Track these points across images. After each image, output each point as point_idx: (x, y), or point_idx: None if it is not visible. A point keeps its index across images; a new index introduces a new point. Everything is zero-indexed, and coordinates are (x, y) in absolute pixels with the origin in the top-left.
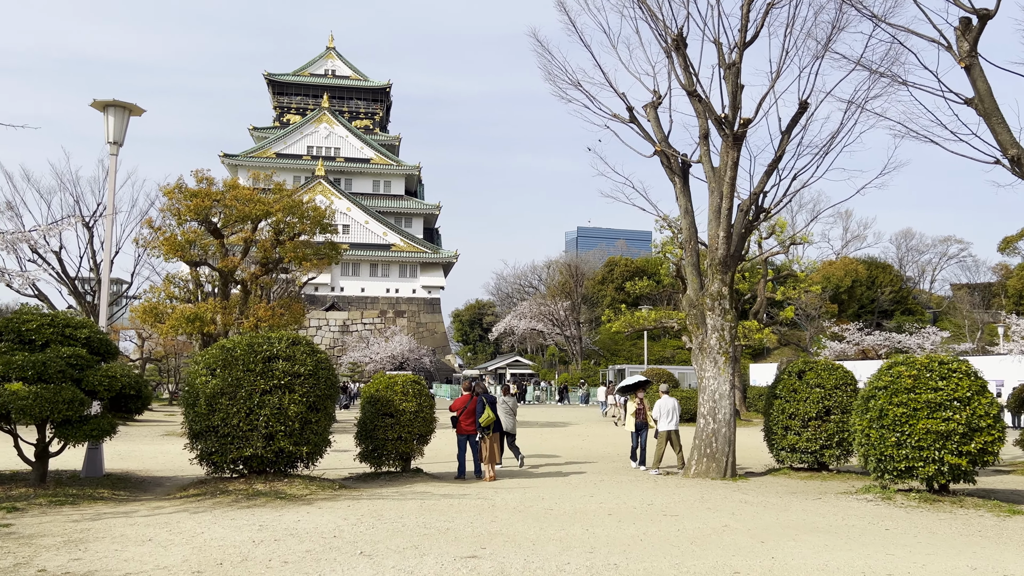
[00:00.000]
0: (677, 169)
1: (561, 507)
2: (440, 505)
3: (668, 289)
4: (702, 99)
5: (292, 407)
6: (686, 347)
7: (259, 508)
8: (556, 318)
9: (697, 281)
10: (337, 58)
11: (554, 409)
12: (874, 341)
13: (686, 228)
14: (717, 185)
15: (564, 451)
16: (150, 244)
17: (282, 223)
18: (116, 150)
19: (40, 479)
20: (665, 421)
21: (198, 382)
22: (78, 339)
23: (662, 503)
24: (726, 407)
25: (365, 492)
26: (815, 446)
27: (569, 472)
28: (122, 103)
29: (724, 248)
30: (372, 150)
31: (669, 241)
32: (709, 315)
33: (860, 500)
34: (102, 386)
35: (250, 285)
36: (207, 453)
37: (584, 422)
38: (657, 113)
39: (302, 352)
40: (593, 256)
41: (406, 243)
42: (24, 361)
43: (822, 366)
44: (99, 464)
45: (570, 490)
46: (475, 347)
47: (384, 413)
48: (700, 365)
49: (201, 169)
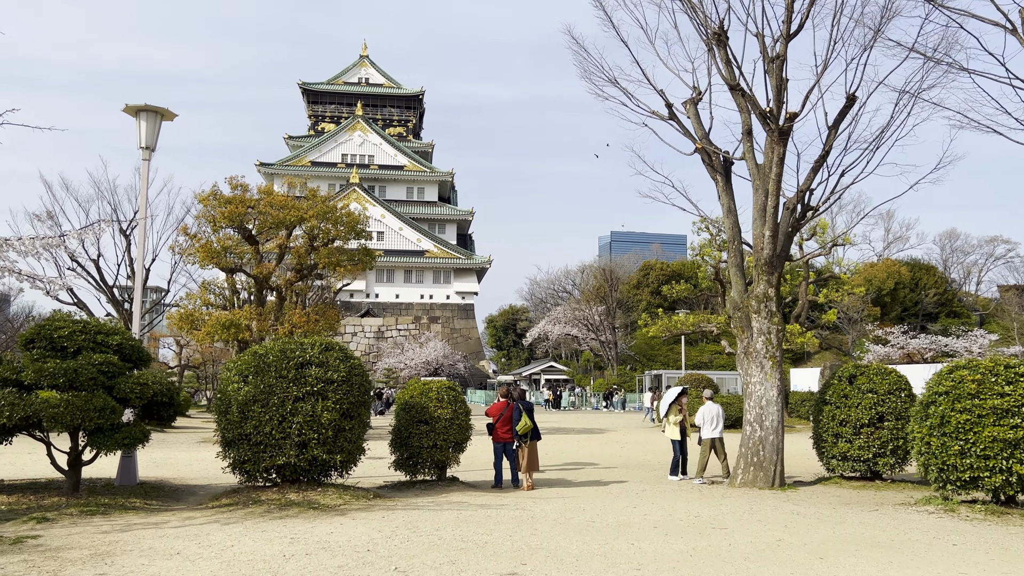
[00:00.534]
0: (719, 167)
1: (604, 519)
2: (477, 516)
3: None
4: (745, 93)
5: (325, 414)
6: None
7: (291, 519)
8: (591, 323)
9: (741, 283)
10: (370, 66)
11: (591, 415)
12: (920, 345)
13: (729, 228)
14: (762, 183)
15: (602, 458)
16: (186, 251)
17: (316, 229)
18: (148, 155)
19: (73, 488)
20: (709, 428)
21: (230, 389)
22: (110, 346)
23: (709, 515)
24: (774, 413)
25: (400, 502)
26: (868, 454)
27: (609, 481)
28: (154, 107)
29: (770, 248)
30: (405, 157)
31: (707, 244)
32: (755, 318)
33: (921, 512)
34: (134, 393)
35: (285, 291)
36: (240, 461)
37: (622, 428)
38: (697, 109)
39: (335, 358)
40: (628, 260)
41: (440, 249)
42: (55, 368)
43: (874, 370)
44: (133, 472)
45: (612, 500)
46: (509, 352)
47: (419, 420)
48: (746, 370)
49: (236, 176)
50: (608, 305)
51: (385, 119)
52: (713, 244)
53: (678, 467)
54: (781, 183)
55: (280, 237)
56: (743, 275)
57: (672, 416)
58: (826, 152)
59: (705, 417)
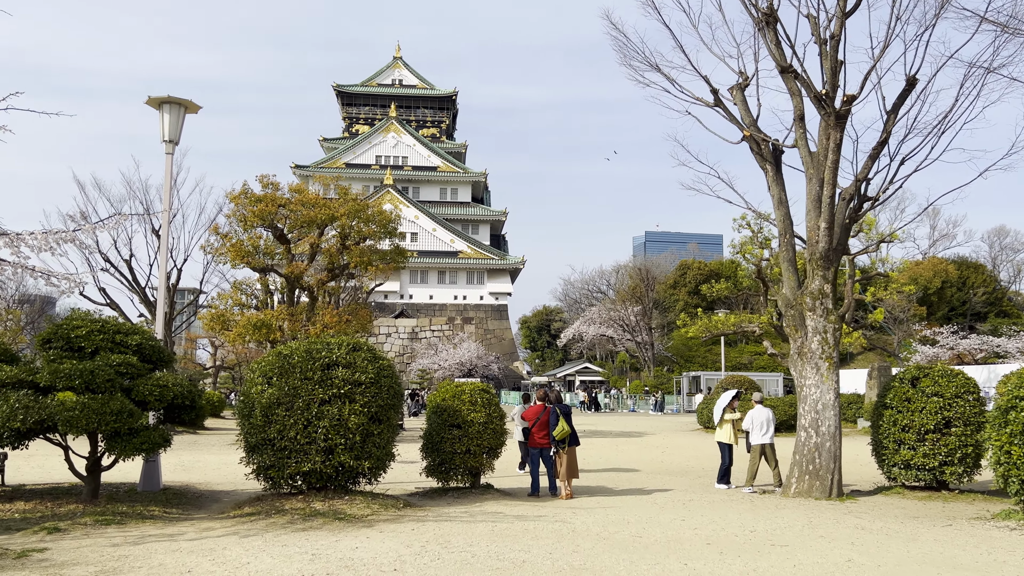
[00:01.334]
0: (768, 155)
1: (651, 534)
2: (514, 530)
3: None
4: (799, 75)
5: (353, 418)
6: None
7: (315, 531)
8: (626, 323)
9: (794, 278)
10: (404, 67)
11: (628, 418)
12: (970, 345)
13: (780, 220)
14: (815, 171)
15: (643, 464)
16: (217, 251)
17: (348, 227)
18: (172, 148)
19: (92, 494)
20: (758, 433)
21: (253, 391)
22: (129, 346)
23: (766, 529)
24: (830, 418)
25: (431, 512)
26: (933, 462)
27: (652, 489)
28: (177, 99)
29: (826, 241)
30: (439, 158)
31: (748, 241)
32: (809, 316)
33: (1001, 528)
34: (153, 396)
35: (317, 291)
36: (263, 468)
37: (661, 431)
38: (744, 95)
39: (363, 358)
40: (664, 260)
41: (473, 250)
42: (71, 369)
43: (939, 372)
44: (156, 478)
45: (657, 512)
46: (543, 354)
47: (451, 424)
48: (799, 372)
49: (267, 174)
50: (644, 305)
51: (418, 120)
52: (754, 241)
53: (727, 474)
54: (838, 171)
55: (311, 236)
56: (796, 270)
57: (726, 417)
58: (885, 138)
59: (754, 422)
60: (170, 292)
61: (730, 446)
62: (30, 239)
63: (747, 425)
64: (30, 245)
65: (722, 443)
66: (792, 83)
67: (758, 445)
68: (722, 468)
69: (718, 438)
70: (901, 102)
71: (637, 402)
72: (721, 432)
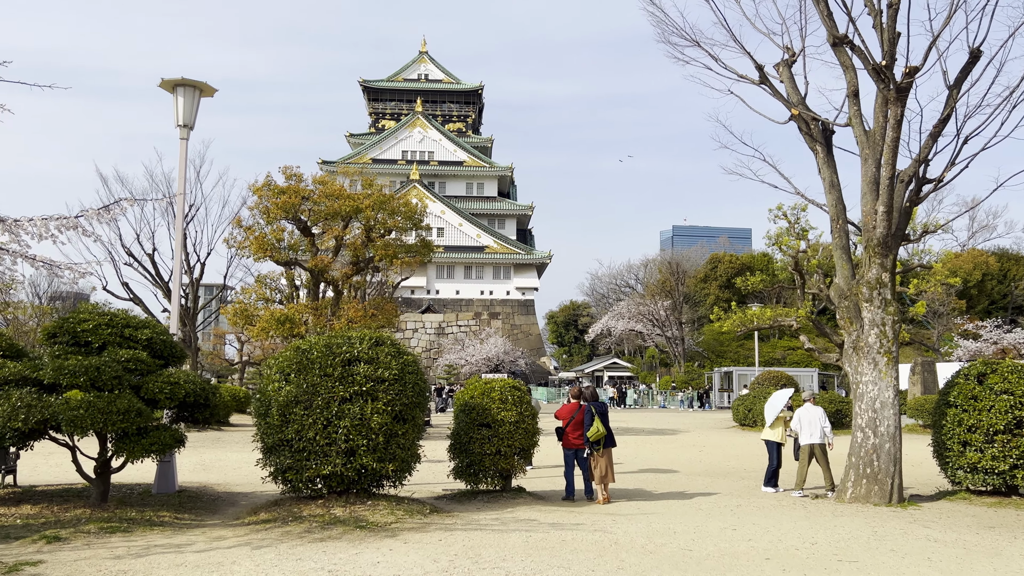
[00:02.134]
0: (819, 135)
1: (702, 547)
2: (550, 541)
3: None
4: (855, 46)
5: (375, 417)
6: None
7: (334, 542)
8: (656, 318)
9: (848, 267)
10: (429, 62)
11: (659, 414)
12: (1015, 339)
13: (832, 205)
14: (872, 152)
15: (681, 464)
16: (240, 244)
17: (372, 219)
18: (186, 133)
19: (101, 498)
20: (807, 433)
21: (270, 389)
22: (139, 341)
23: (828, 541)
24: (889, 417)
25: (460, 518)
26: (1003, 465)
27: (695, 493)
28: (191, 81)
29: (884, 226)
30: (465, 152)
31: (784, 232)
32: (866, 307)
33: None
34: (163, 394)
35: (341, 285)
36: (281, 470)
37: (695, 429)
38: (791, 72)
39: (386, 354)
40: (694, 253)
41: (499, 244)
42: (76, 366)
43: (1009, 368)
44: (171, 479)
45: (705, 519)
46: (570, 349)
47: (480, 424)
48: (855, 368)
49: (290, 166)
50: (674, 299)
51: (444, 115)
52: (791, 232)
53: (775, 476)
54: (898, 150)
55: (336, 229)
56: (850, 258)
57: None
58: (947, 115)
59: (802, 421)
60: (193, 285)
61: (779, 445)
62: (28, 225)
63: (795, 425)
64: (29, 232)
65: (769, 442)
66: (845, 56)
67: (807, 446)
68: (769, 470)
69: (765, 436)
70: (964, 75)
71: (668, 398)
72: (769, 432)
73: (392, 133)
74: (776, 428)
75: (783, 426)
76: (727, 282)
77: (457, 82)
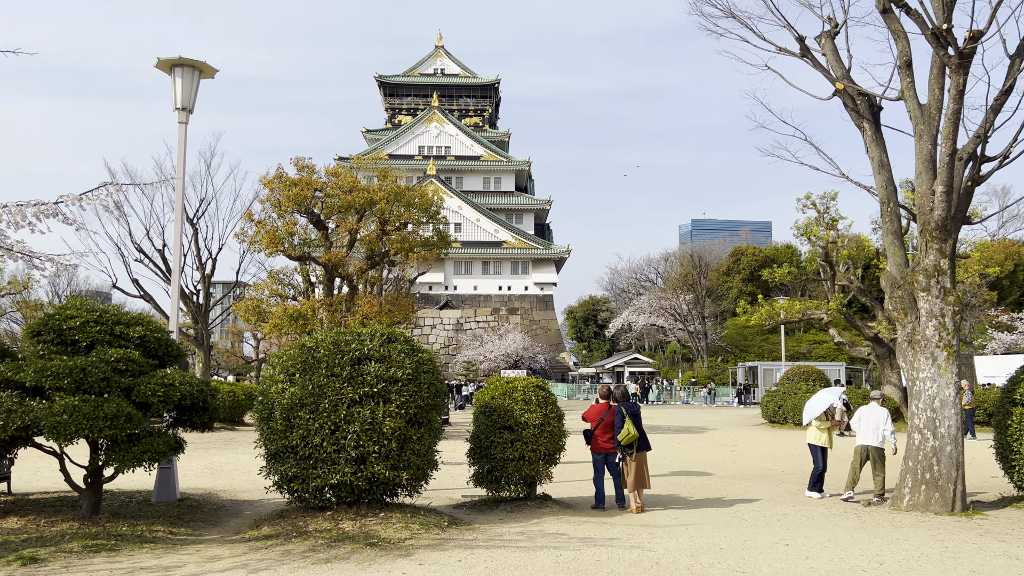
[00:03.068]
0: (866, 112)
1: (755, 568)
2: (583, 561)
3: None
4: (910, 8)
5: (388, 421)
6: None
7: (339, 563)
8: (678, 312)
9: (901, 254)
10: (446, 56)
11: (683, 411)
12: None
13: (882, 187)
14: (927, 127)
15: (714, 466)
16: (252, 239)
17: (387, 212)
18: (185, 117)
19: (92, 509)
20: (864, 434)
21: (273, 390)
22: (131, 339)
23: (897, 560)
24: (951, 417)
25: (481, 532)
26: None
27: (734, 499)
28: (190, 61)
29: (943, 208)
30: (482, 147)
31: (814, 221)
32: (923, 297)
33: None
34: (156, 397)
35: (356, 280)
36: (286, 479)
37: (723, 426)
38: (834, 44)
39: (399, 351)
40: (715, 247)
41: (517, 240)
42: (60, 367)
43: None
44: (172, 487)
45: (751, 532)
46: (590, 344)
47: (502, 426)
48: (911, 363)
49: (302, 157)
50: (696, 293)
51: (461, 109)
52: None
53: (820, 481)
54: (959, 123)
55: (349, 222)
56: (902, 244)
57: (821, 420)
58: (1010, 86)
59: (862, 420)
60: (205, 281)
61: (823, 449)
62: (3, 212)
63: (855, 423)
64: (3, 220)
65: (814, 446)
66: (896, 23)
67: (862, 447)
68: (814, 474)
69: (810, 440)
70: None
71: (692, 394)
72: (813, 433)
73: (408, 128)
74: (822, 431)
75: (828, 429)
76: (751, 275)
77: (473, 76)
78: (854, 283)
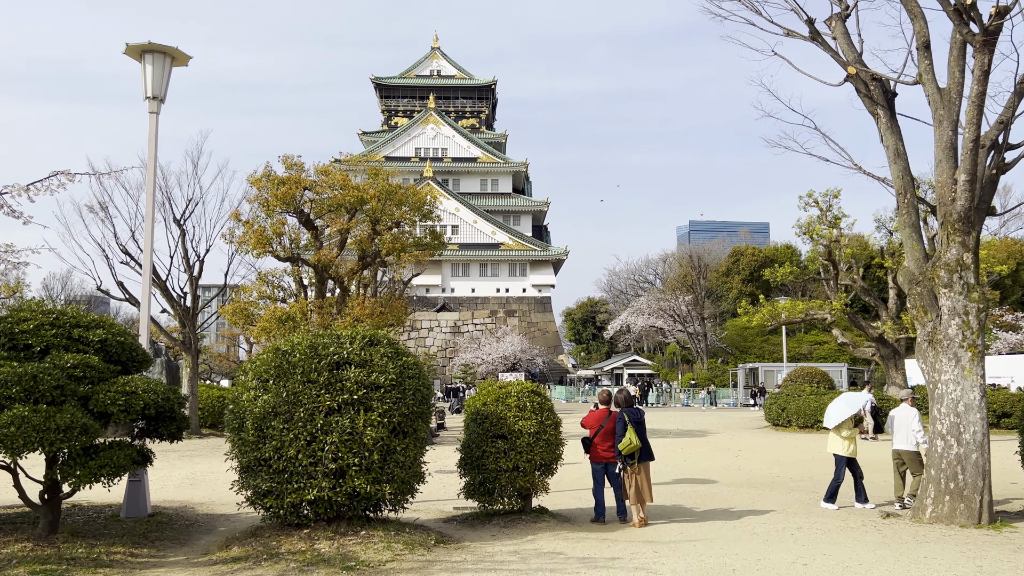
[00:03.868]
0: (880, 98)
1: None
2: None
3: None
4: None
5: (369, 431)
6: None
7: None
8: (677, 314)
9: (919, 248)
10: (442, 57)
11: (682, 413)
12: None
13: (898, 177)
14: (947, 112)
15: (719, 473)
16: (239, 240)
17: (378, 211)
18: (157, 106)
19: (50, 528)
20: (898, 438)
21: (244, 398)
22: (90, 343)
23: None
24: (976, 422)
25: (471, 552)
26: None
27: (743, 511)
28: (161, 47)
29: (966, 198)
30: (479, 148)
31: (816, 220)
32: (944, 294)
33: None
34: (116, 405)
35: (348, 281)
36: (259, 494)
37: (724, 429)
38: (845, 27)
39: (382, 355)
40: (714, 247)
41: (515, 241)
42: (8, 374)
43: None
44: (143, 501)
45: (763, 548)
46: (588, 346)
47: (494, 435)
48: (932, 365)
49: (291, 155)
50: (696, 294)
51: (457, 111)
52: (823, 220)
53: (835, 493)
54: (984, 107)
55: (340, 221)
56: (921, 238)
57: (846, 427)
58: None
59: (895, 423)
60: (192, 284)
61: (850, 460)
62: None
63: (889, 427)
64: None
65: (839, 456)
66: (912, 2)
67: (895, 452)
68: (832, 485)
69: (832, 449)
70: None
71: (692, 396)
72: (836, 443)
73: (405, 130)
74: (842, 441)
75: (853, 438)
76: (750, 275)
77: (470, 77)
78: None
